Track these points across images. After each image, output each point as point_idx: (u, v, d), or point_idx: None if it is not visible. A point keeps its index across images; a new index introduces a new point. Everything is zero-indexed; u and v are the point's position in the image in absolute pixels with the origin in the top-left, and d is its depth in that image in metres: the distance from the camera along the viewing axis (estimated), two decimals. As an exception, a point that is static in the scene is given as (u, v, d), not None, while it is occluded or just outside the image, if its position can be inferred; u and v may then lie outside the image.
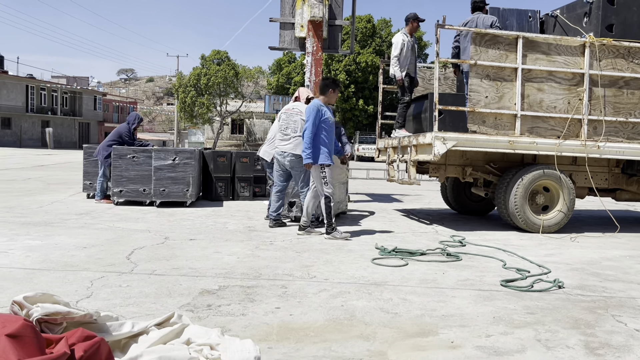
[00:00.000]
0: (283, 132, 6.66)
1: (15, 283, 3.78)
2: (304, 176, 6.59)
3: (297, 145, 6.47)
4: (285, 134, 6.63)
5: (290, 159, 6.57)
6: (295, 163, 6.55)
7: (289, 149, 6.56)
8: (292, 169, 6.62)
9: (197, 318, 3.14)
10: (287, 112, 6.73)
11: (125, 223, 6.79)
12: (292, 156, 6.55)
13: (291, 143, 6.56)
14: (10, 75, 49.68)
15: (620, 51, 6.96)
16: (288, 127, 6.63)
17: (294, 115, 6.63)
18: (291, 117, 6.64)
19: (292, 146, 6.55)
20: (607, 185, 7.62)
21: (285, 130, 6.64)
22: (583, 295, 3.94)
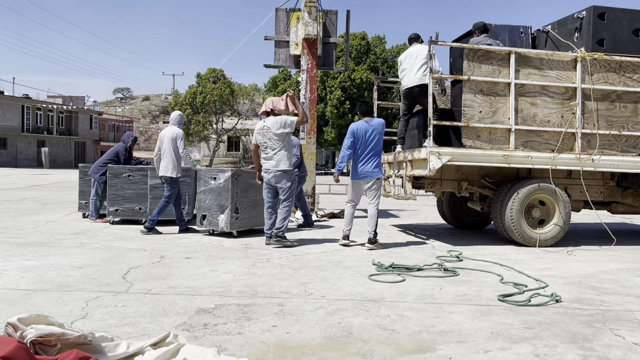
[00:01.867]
0: (264, 151, 6.82)
1: (9, 304, 3.75)
2: (288, 190, 6.74)
3: (280, 162, 6.68)
4: (266, 153, 6.79)
5: (275, 175, 6.71)
6: (279, 177, 6.71)
7: (272, 166, 6.72)
8: (277, 183, 6.75)
9: (193, 337, 3.12)
10: (260, 132, 6.84)
11: (120, 242, 6.76)
12: (277, 172, 6.70)
13: (273, 160, 6.73)
14: (6, 95, 49.76)
15: (612, 65, 7.04)
16: (267, 146, 6.77)
17: (267, 133, 6.76)
18: (266, 136, 6.77)
19: (274, 163, 6.72)
20: (603, 198, 7.64)
21: (265, 150, 6.80)
22: (581, 309, 3.93)
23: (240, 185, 7.46)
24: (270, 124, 6.73)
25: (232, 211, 7.33)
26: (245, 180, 7.57)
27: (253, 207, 7.77)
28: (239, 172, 7.54)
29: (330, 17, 10.49)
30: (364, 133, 6.75)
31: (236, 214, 7.39)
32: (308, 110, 10.16)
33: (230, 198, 7.31)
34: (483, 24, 7.65)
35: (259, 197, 7.69)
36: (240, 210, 7.46)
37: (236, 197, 7.39)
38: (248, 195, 7.64)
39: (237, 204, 7.41)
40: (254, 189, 7.70)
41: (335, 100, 42.19)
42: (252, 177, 7.63)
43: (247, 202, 7.63)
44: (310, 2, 9.88)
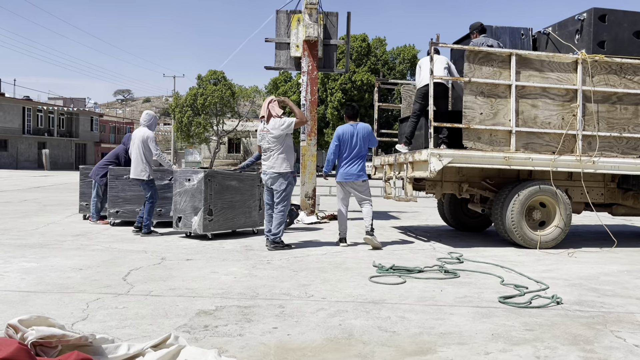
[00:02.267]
0: (263, 153, 6.84)
1: (10, 306, 3.75)
2: (283, 193, 6.67)
3: (276, 164, 6.66)
4: (265, 154, 6.80)
5: (271, 176, 6.69)
6: (275, 180, 6.67)
7: (268, 167, 6.73)
8: (272, 185, 6.71)
9: (193, 339, 3.12)
10: (260, 134, 6.87)
11: (121, 244, 6.76)
12: (273, 174, 6.67)
13: (270, 162, 6.72)
14: (7, 97, 49.83)
15: (613, 67, 7.05)
16: (265, 148, 6.77)
17: (266, 135, 6.76)
18: (265, 138, 6.78)
19: (270, 164, 6.71)
20: (603, 200, 7.64)
21: (264, 152, 6.81)
22: (581, 311, 3.93)
23: (214, 187, 7.32)
24: (270, 126, 6.73)
25: (205, 213, 7.22)
26: (221, 182, 7.44)
27: (229, 209, 7.59)
28: (213, 173, 7.41)
29: (331, 19, 10.49)
30: (350, 136, 7.01)
31: (210, 216, 7.27)
32: (309, 112, 10.16)
33: (203, 200, 7.20)
34: (480, 24, 7.65)
35: (235, 199, 7.64)
36: (214, 212, 7.32)
37: (210, 198, 7.26)
38: (223, 197, 7.49)
39: (210, 205, 7.27)
40: (230, 191, 7.57)
41: (335, 102, 42.21)
42: (229, 179, 7.56)
43: (223, 204, 7.47)
44: (311, 4, 9.89)
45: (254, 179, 7.97)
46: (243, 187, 7.81)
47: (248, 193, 7.89)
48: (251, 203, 7.95)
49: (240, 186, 7.76)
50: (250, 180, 7.93)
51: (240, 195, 7.75)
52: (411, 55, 49.59)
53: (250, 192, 7.93)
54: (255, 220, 8.05)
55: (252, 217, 7.99)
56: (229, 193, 7.60)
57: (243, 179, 7.81)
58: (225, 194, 7.54)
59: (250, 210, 7.93)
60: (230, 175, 7.65)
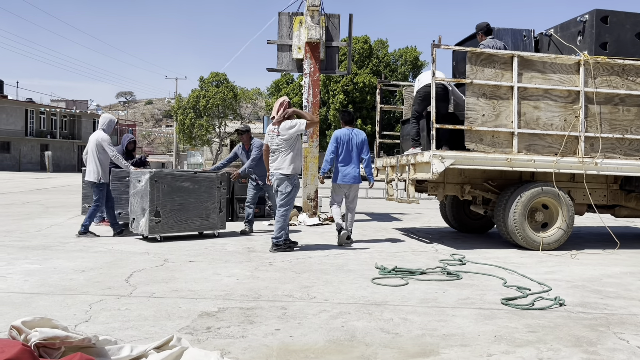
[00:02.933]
0: (271, 154, 6.84)
1: (13, 308, 3.76)
2: (286, 195, 6.67)
3: (283, 164, 6.67)
4: (273, 155, 6.82)
5: (278, 177, 6.70)
6: (281, 181, 6.68)
7: (275, 168, 6.74)
8: (278, 186, 6.72)
9: (196, 341, 3.12)
10: (270, 135, 6.90)
11: (124, 246, 6.77)
12: (280, 175, 6.68)
13: (277, 162, 6.74)
14: (10, 99, 49.96)
15: (615, 69, 7.04)
16: (273, 149, 6.80)
17: (275, 137, 6.79)
18: (274, 139, 6.80)
19: (277, 165, 6.73)
20: (606, 201, 7.62)
21: (272, 153, 6.82)
22: (584, 313, 3.92)
23: (162, 188, 7.18)
24: (281, 127, 6.73)
25: (151, 214, 7.10)
26: (170, 183, 7.27)
27: (180, 211, 7.37)
28: (161, 174, 7.27)
29: (333, 20, 10.51)
30: (347, 140, 7.29)
31: (157, 218, 7.13)
32: (312, 113, 10.16)
33: (149, 201, 7.10)
34: (486, 24, 7.64)
35: (188, 201, 7.44)
36: (162, 214, 7.17)
37: (157, 200, 7.13)
38: (174, 198, 7.29)
39: (157, 207, 7.14)
40: (182, 192, 7.38)
41: (337, 103, 42.25)
42: (179, 180, 7.37)
43: (172, 206, 7.28)
44: (313, 6, 9.90)
45: (212, 180, 7.70)
46: (198, 188, 7.54)
47: (205, 195, 7.62)
48: (209, 205, 7.66)
49: (195, 187, 7.50)
50: (208, 181, 7.67)
51: (195, 196, 7.50)
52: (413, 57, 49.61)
53: (208, 193, 7.66)
54: (215, 223, 7.75)
55: (211, 219, 7.70)
56: (181, 194, 7.39)
57: (198, 180, 7.57)
58: (176, 195, 7.33)
59: (208, 212, 7.65)
60: (182, 176, 7.46)
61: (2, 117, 47.37)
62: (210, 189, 7.71)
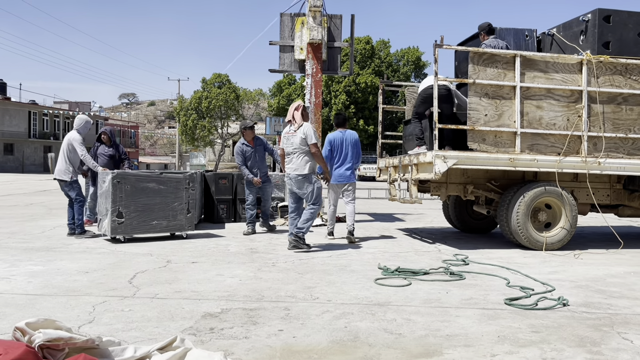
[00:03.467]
0: (287, 156, 6.89)
1: (17, 309, 3.77)
2: (310, 194, 6.75)
3: (299, 166, 6.71)
4: (288, 157, 6.86)
5: (296, 179, 6.75)
6: (300, 182, 6.74)
7: (292, 170, 6.78)
8: (299, 188, 6.78)
9: (199, 342, 3.12)
10: (286, 136, 6.93)
11: (127, 247, 6.79)
12: (297, 176, 6.73)
13: (294, 164, 6.77)
14: (13, 101, 50.14)
15: (618, 68, 7.02)
16: (289, 151, 6.83)
17: (291, 138, 6.82)
18: (289, 140, 6.84)
19: (294, 167, 6.75)
20: (609, 201, 7.60)
21: (288, 155, 6.87)
22: (588, 313, 3.91)
23: (126, 189, 7.14)
24: (299, 131, 6.74)
25: (114, 215, 7.07)
26: (134, 184, 7.21)
27: (145, 212, 7.29)
28: (124, 175, 7.22)
29: (335, 21, 10.51)
30: (340, 142, 7.72)
31: (120, 219, 7.10)
32: (313, 115, 10.17)
33: (111, 202, 7.06)
34: (488, 24, 7.63)
35: (153, 202, 7.35)
36: (125, 215, 7.13)
37: (120, 200, 7.10)
38: (138, 199, 7.23)
39: (120, 208, 7.10)
40: (146, 193, 7.30)
41: (340, 104, 42.25)
42: (144, 181, 7.29)
43: (137, 207, 7.22)
44: (315, 7, 9.91)
45: (179, 181, 7.60)
46: (165, 189, 7.45)
47: (172, 195, 7.52)
48: (176, 206, 7.55)
49: (161, 188, 7.42)
50: (175, 182, 7.56)
51: (161, 197, 7.42)
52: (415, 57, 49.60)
53: (175, 194, 7.55)
54: (182, 224, 7.61)
55: (178, 220, 7.59)
56: (145, 195, 7.31)
57: (165, 181, 7.45)
58: (140, 196, 7.27)
59: (175, 213, 7.54)
60: (147, 177, 7.38)
61: (6, 119, 47.52)
62: (178, 189, 7.60)
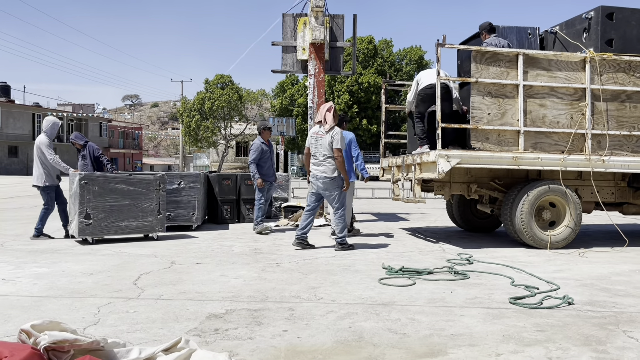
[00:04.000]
0: (313, 156, 6.88)
1: (22, 311, 3.79)
2: (337, 198, 6.78)
3: (328, 169, 6.71)
4: (316, 158, 6.84)
5: (323, 181, 6.75)
6: (328, 185, 6.74)
7: (320, 172, 6.76)
8: (325, 190, 6.79)
9: (204, 343, 3.13)
10: (314, 137, 6.92)
11: (131, 248, 6.80)
12: (326, 178, 6.73)
13: (323, 166, 6.75)
14: (17, 104, 50.31)
15: (621, 65, 7.00)
16: (318, 152, 6.82)
17: (319, 139, 6.81)
18: (317, 142, 6.84)
19: (322, 169, 6.75)
20: (614, 199, 7.58)
21: (315, 155, 6.85)
22: (593, 311, 3.90)
23: (94, 191, 7.13)
24: (329, 134, 6.72)
25: (81, 216, 7.06)
26: (103, 185, 7.21)
27: (114, 213, 7.29)
28: (92, 177, 7.22)
29: (337, 21, 10.51)
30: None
31: (87, 220, 7.09)
32: (315, 115, 10.16)
33: (78, 203, 7.06)
34: (489, 24, 7.62)
35: (122, 204, 7.34)
36: (93, 216, 7.12)
37: (87, 202, 7.09)
38: (106, 200, 7.23)
39: (87, 209, 7.09)
40: (115, 194, 7.29)
41: (343, 104, 42.23)
42: (113, 182, 7.29)
43: (105, 208, 7.22)
44: (317, 7, 9.91)
45: (149, 182, 7.58)
46: (135, 190, 7.45)
47: (142, 197, 7.50)
48: (147, 207, 7.52)
49: (131, 189, 7.41)
50: (145, 183, 7.54)
51: (131, 198, 7.41)
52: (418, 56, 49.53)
53: (146, 195, 7.53)
54: (152, 225, 7.58)
55: (149, 221, 7.56)
56: (114, 196, 7.31)
57: (134, 182, 7.46)
58: (109, 197, 7.26)
59: (145, 214, 7.52)
60: (116, 179, 7.37)
61: (10, 122, 47.69)
62: (148, 190, 7.58)
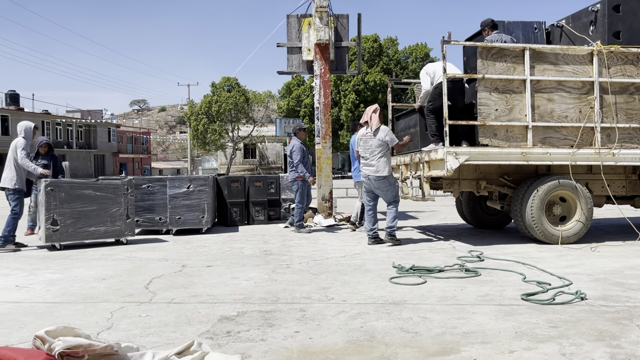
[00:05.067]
0: (364, 157, 7.27)
1: (36, 317, 3.82)
2: (390, 194, 7.20)
3: (379, 167, 7.10)
4: (366, 159, 7.23)
5: (377, 180, 7.13)
6: (381, 183, 7.13)
7: (372, 172, 7.16)
8: (378, 189, 7.14)
9: (217, 345, 3.14)
10: (362, 139, 7.28)
11: (142, 252, 6.84)
12: (378, 178, 7.11)
13: (372, 166, 7.12)
14: (27, 112, 50.73)
15: (629, 57, 6.94)
16: (367, 151, 7.21)
17: (369, 141, 7.16)
18: (367, 143, 7.19)
19: (374, 169, 7.14)
20: (625, 192, 7.51)
21: (364, 155, 7.24)
22: (606, 306, 3.87)
23: (60, 197, 7.13)
24: (379, 134, 7.10)
25: (48, 222, 7.05)
26: (69, 192, 7.22)
27: (81, 219, 7.30)
28: (58, 183, 7.24)
29: (342, 21, 10.51)
30: (352, 146, 8.61)
31: (54, 226, 7.08)
32: (322, 115, 10.18)
33: (45, 210, 7.05)
34: (490, 20, 7.58)
35: (89, 209, 7.35)
36: (60, 222, 7.11)
37: (54, 208, 7.09)
38: (73, 206, 7.23)
39: (54, 215, 7.09)
40: (82, 200, 7.30)
41: (349, 103, 42.22)
42: (79, 188, 7.31)
43: (72, 214, 7.23)
44: (321, 8, 9.92)
45: (117, 187, 7.59)
46: (102, 195, 7.47)
47: (110, 201, 7.53)
48: (115, 212, 7.55)
49: (98, 195, 7.43)
50: (113, 188, 7.58)
51: (98, 204, 7.42)
52: (424, 54, 49.42)
53: (114, 200, 7.56)
54: (122, 230, 7.61)
55: (117, 226, 7.59)
56: (81, 202, 7.30)
57: (101, 188, 7.49)
58: (75, 203, 7.25)
59: (113, 219, 7.55)
60: (82, 184, 7.39)
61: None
62: (116, 195, 7.59)
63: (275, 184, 10.47)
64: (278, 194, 10.51)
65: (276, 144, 53.34)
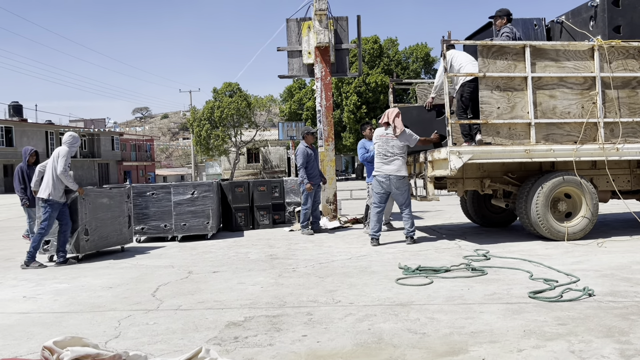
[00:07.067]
0: (383, 155, 7.26)
1: (44, 328, 3.83)
2: (406, 194, 7.29)
3: (400, 167, 7.19)
4: (386, 157, 7.23)
5: (396, 180, 7.17)
6: (400, 183, 7.20)
7: (393, 171, 7.18)
8: (398, 189, 7.22)
9: (224, 351, 3.14)
10: (382, 138, 7.29)
11: (148, 260, 6.85)
12: (399, 178, 7.17)
13: (394, 165, 7.15)
14: (30, 122, 50.96)
15: (630, 52, 6.92)
16: (387, 151, 7.23)
17: (390, 141, 7.20)
18: (388, 143, 7.21)
19: (395, 168, 7.17)
20: (630, 187, 7.48)
21: (384, 155, 7.25)
22: (615, 302, 3.85)
23: (88, 206, 7.02)
24: (402, 136, 7.16)
25: (81, 233, 6.87)
26: (94, 200, 7.12)
27: (100, 228, 7.22)
28: (87, 192, 7.07)
29: (341, 23, 10.52)
30: None
31: (86, 236, 6.93)
32: (324, 118, 10.18)
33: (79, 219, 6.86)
34: (508, 10, 7.30)
35: (106, 217, 7.28)
36: (90, 232, 6.99)
37: (85, 217, 6.95)
38: (97, 215, 7.15)
39: (86, 225, 6.96)
40: (102, 209, 7.24)
41: (351, 105, 42.20)
42: (99, 197, 7.23)
43: (97, 223, 7.15)
44: (321, 11, 9.93)
45: (122, 195, 7.69)
46: (113, 204, 7.46)
47: (117, 210, 7.56)
48: (121, 220, 7.60)
49: (111, 203, 7.42)
50: (119, 196, 7.62)
51: (111, 212, 7.42)
52: (424, 54, 49.41)
53: (120, 208, 7.60)
54: (126, 237, 7.67)
55: (123, 233, 7.64)
56: (101, 211, 7.26)
57: (113, 196, 7.48)
58: (97, 211, 7.20)
59: (121, 227, 7.59)
60: (101, 192, 7.35)
61: (24, 140, 48.30)
62: (121, 203, 7.62)
63: (279, 188, 10.47)
64: (282, 197, 10.51)
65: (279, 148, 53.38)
